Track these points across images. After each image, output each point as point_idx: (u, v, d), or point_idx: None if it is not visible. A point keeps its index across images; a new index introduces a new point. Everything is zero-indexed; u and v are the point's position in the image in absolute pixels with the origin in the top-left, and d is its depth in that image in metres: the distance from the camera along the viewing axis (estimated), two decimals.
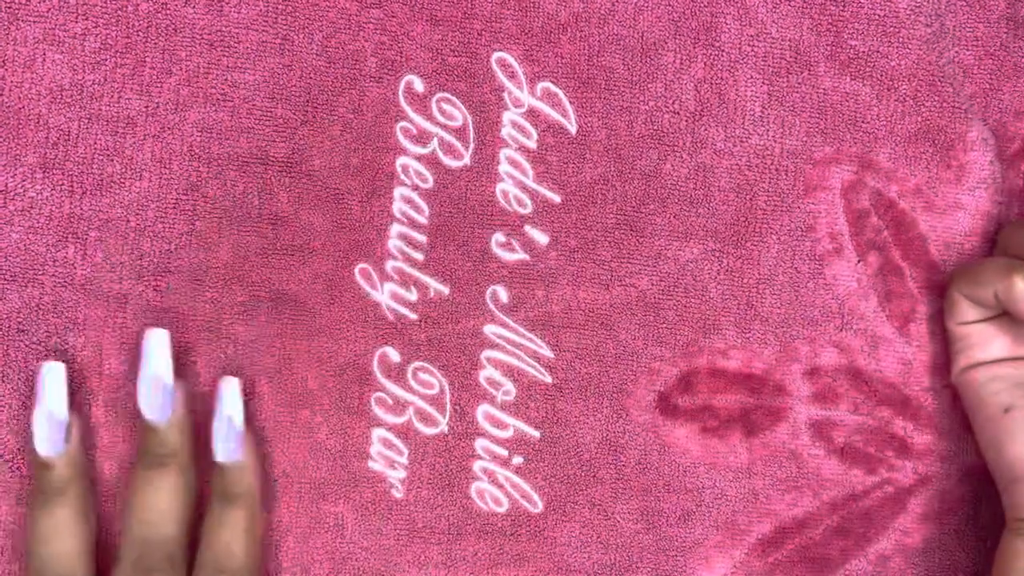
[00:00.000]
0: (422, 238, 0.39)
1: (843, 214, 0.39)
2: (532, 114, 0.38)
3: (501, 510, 0.40)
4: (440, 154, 0.38)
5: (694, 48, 0.38)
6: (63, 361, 0.37)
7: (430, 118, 0.38)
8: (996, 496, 0.40)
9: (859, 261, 0.39)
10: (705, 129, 0.39)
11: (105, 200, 0.37)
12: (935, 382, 0.40)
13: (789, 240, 0.39)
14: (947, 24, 0.38)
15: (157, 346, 0.35)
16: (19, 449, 0.38)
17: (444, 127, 0.38)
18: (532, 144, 0.38)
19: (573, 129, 0.39)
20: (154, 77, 0.37)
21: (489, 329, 0.39)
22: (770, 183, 0.39)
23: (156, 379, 0.35)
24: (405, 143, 0.38)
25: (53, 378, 0.35)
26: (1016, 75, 0.39)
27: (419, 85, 0.38)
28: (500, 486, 0.39)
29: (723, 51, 0.38)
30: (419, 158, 0.38)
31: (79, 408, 0.37)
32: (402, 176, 0.38)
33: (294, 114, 0.38)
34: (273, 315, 0.38)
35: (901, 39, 0.38)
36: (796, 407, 0.40)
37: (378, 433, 0.39)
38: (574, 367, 0.39)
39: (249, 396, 0.38)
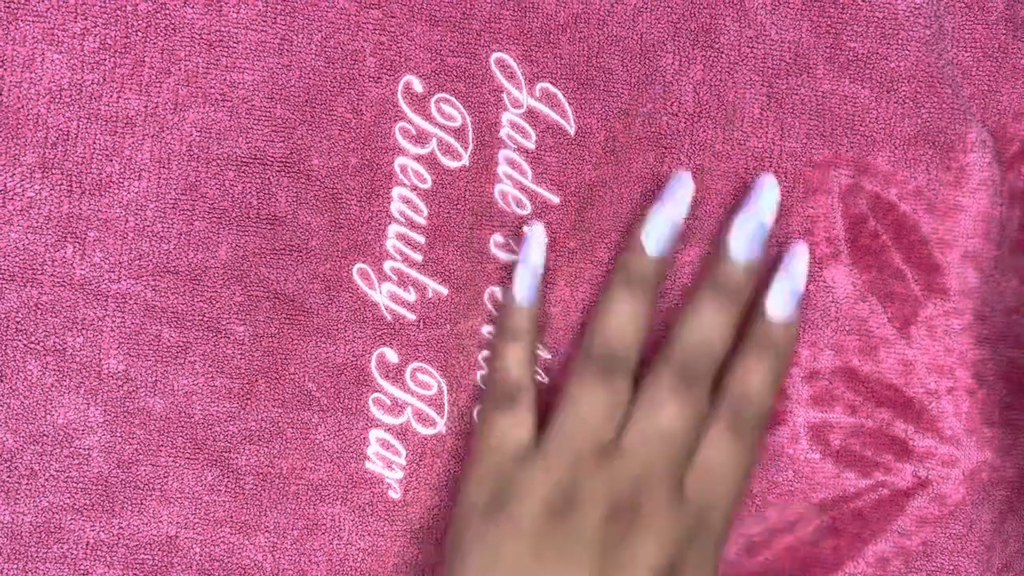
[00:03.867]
0: (421, 239, 0.39)
1: (841, 219, 0.39)
2: (531, 115, 0.38)
3: None
4: (439, 154, 0.38)
5: (693, 50, 0.38)
6: (62, 360, 0.37)
7: (429, 118, 0.38)
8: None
9: (853, 266, 0.39)
10: (704, 131, 0.39)
11: (104, 200, 0.37)
12: (938, 385, 0.40)
13: (788, 243, 0.39)
14: (946, 26, 0.38)
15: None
16: (18, 449, 0.38)
17: (443, 127, 0.38)
18: (531, 145, 0.38)
19: (572, 130, 0.39)
20: (153, 77, 0.37)
21: (487, 330, 0.39)
22: None
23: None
24: (404, 143, 0.38)
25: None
26: (1015, 76, 0.39)
27: (418, 85, 0.38)
28: None
29: (722, 53, 0.38)
30: (418, 158, 0.38)
31: None
32: (401, 176, 0.38)
33: (293, 114, 0.38)
34: (271, 315, 0.38)
35: (900, 41, 0.38)
36: (796, 411, 0.40)
37: (376, 434, 0.39)
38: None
39: (246, 397, 0.38)
